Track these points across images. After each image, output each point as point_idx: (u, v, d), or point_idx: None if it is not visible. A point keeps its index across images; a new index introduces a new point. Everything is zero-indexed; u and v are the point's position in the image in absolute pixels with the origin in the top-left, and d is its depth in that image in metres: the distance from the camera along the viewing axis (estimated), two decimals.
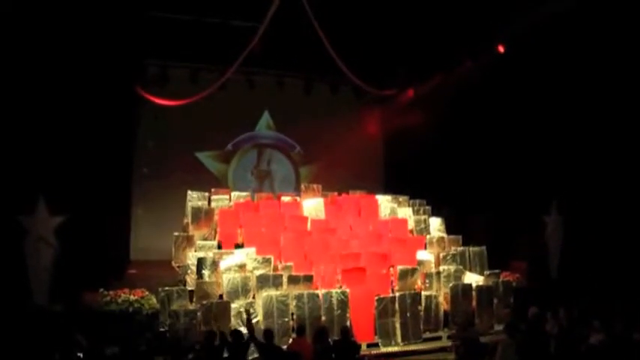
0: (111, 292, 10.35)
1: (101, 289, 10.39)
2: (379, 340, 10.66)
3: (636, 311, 9.65)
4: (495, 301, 11.65)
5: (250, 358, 9.08)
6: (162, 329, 9.71)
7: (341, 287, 10.92)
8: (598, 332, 8.71)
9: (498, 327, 10.86)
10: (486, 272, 12.27)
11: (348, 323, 10.48)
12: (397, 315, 10.81)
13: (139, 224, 14.94)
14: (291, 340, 9.75)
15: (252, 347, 8.53)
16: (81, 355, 6.83)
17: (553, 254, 13.60)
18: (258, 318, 9.99)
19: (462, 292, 11.40)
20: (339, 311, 10.54)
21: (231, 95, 15.43)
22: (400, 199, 14.79)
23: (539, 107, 13.40)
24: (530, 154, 13.71)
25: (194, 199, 13.22)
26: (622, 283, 11.31)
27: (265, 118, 17.11)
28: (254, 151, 17.16)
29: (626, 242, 11.99)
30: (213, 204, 13.23)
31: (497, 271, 12.26)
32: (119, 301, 10.11)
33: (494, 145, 14.40)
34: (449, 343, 10.39)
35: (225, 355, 8.12)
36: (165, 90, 14.64)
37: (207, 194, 13.48)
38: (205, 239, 12.35)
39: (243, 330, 9.43)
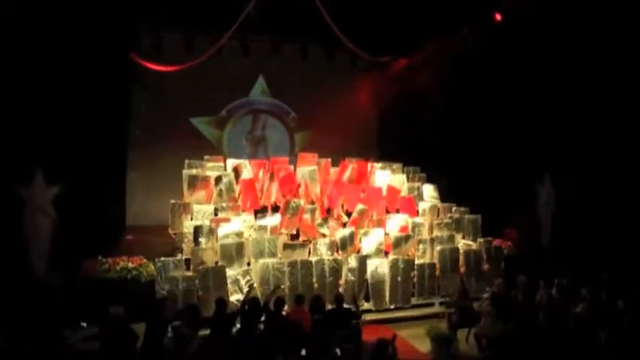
0: (109, 260, 10.45)
1: (99, 257, 10.51)
2: (371, 302, 10.94)
3: (622, 280, 9.92)
4: (486, 266, 11.93)
5: None
6: (160, 297, 9.89)
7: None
8: (584, 301, 8.96)
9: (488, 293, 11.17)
10: (479, 240, 12.51)
11: (340, 290, 10.76)
12: (388, 278, 11.08)
13: (134, 190, 14.97)
14: (286, 307, 10.06)
15: None
16: (84, 324, 6.98)
17: (545, 223, 13.81)
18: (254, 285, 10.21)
19: (450, 256, 11.64)
20: (331, 278, 10.79)
21: (225, 61, 15.26)
22: (394, 167, 14.91)
23: (536, 77, 13.37)
24: (525, 123, 13.73)
25: (191, 167, 13.29)
26: (612, 253, 11.55)
27: (260, 84, 16.98)
28: (249, 117, 17.09)
29: (617, 213, 12.18)
30: (207, 171, 13.30)
31: (489, 238, 12.48)
32: (117, 268, 10.23)
33: (490, 114, 14.40)
34: (441, 310, 10.67)
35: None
36: (159, 55, 14.46)
37: (204, 162, 13.57)
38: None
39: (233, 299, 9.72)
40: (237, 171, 13.25)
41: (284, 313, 8.88)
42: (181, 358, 6.48)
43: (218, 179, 12.72)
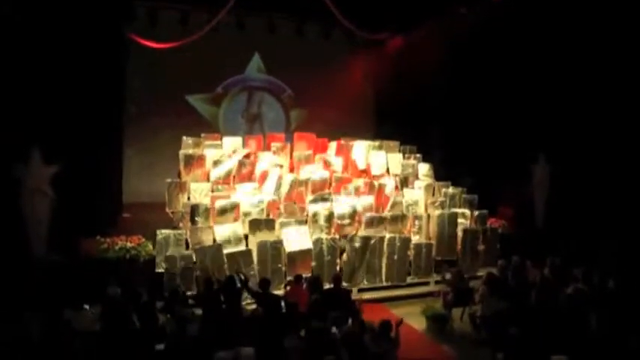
0: (107, 240, 10.49)
1: (98, 237, 10.55)
2: (364, 277, 11.07)
3: (613, 260, 10.06)
4: (481, 246, 12.05)
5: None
6: (159, 270, 10.00)
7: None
8: (576, 281, 9.09)
9: (483, 272, 11.30)
10: (475, 212, 12.58)
11: (337, 268, 10.87)
12: (385, 256, 11.20)
13: (131, 167, 14.91)
14: (283, 286, 10.20)
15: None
16: (87, 307, 7.08)
17: (538, 202, 13.93)
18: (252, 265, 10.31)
19: (447, 221, 11.83)
20: (329, 257, 10.87)
21: (221, 38, 15.11)
22: (391, 144, 14.95)
23: (534, 57, 13.36)
24: (521, 103, 13.74)
25: (189, 145, 13.26)
26: (605, 234, 11.69)
27: (256, 61, 16.86)
28: (244, 94, 17.01)
29: (611, 194, 12.30)
30: (205, 149, 13.29)
31: (484, 211, 12.58)
32: (116, 248, 10.27)
33: (487, 93, 14.39)
34: (436, 289, 10.82)
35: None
36: (154, 32, 14.32)
37: (201, 140, 13.55)
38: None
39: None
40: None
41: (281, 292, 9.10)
42: (182, 340, 6.56)
43: None
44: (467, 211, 12.55)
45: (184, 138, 13.40)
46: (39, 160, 10.23)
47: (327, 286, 9.61)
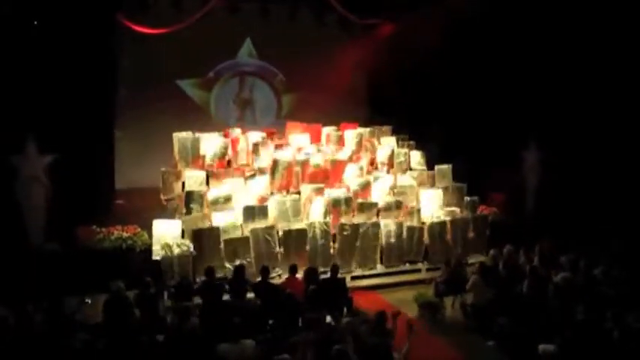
0: (103, 229, 10.52)
1: (94, 226, 10.58)
2: (360, 264, 11.22)
3: (600, 248, 10.27)
4: (472, 234, 12.20)
5: None
6: (156, 257, 10.07)
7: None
8: (563, 270, 9.28)
9: (473, 259, 11.52)
10: (466, 198, 12.74)
11: (331, 251, 11.01)
12: (380, 240, 11.37)
13: (122, 153, 14.76)
14: (278, 276, 10.33)
15: None
16: (89, 301, 7.15)
17: (530, 189, 14.10)
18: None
19: (438, 229, 11.85)
20: (322, 241, 10.99)
21: (213, 22, 14.92)
22: (383, 129, 15.04)
23: (525, 43, 13.44)
24: (513, 88, 13.80)
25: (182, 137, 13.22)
26: (596, 220, 11.91)
27: (247, 46, 16.76)
28: (236, 79, 16.88)
29: (602, 181, 12.49)
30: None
31: (475, 198, 12.74)
32: (112, 238, 10.32)
33: (478, 79, 14.45)
34: (428, 277, 10.99)
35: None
36: (145, 15, 14.16)
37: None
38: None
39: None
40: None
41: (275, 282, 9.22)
42: (181, 333, 6.65)
43: None
44: (457, 209, 12.64)
45: (174, 135, 13.24)
46: (34, 149, 10.22)
47: (320, 269, 9.86)
